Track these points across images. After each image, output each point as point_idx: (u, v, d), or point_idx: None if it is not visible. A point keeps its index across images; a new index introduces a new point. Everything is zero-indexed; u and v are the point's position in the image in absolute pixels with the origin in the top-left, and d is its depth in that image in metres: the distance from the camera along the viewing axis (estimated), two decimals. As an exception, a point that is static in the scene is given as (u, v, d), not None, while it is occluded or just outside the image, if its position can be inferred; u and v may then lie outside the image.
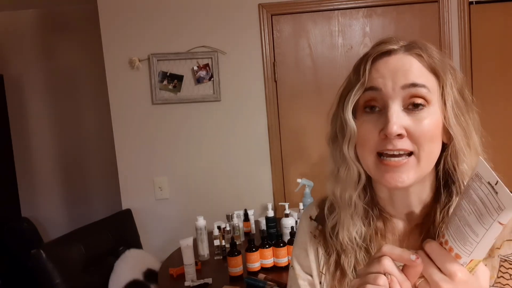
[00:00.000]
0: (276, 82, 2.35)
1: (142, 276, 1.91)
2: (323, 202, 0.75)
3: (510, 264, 0.61)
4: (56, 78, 3.07)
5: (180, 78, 2.32)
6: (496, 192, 0.44)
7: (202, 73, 2.31)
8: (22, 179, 3.06)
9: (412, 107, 0.60)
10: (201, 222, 1.87)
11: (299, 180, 2.16)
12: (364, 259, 0.66)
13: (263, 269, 1.62)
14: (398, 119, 0.58)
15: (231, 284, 1.56)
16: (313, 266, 0.73)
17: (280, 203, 2.16)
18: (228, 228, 1.94)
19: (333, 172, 0.69)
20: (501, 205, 0.44)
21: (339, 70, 2.33)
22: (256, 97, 2.35)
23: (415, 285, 0.52)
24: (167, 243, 2.28)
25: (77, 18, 3.01)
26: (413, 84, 0.59)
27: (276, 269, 1.63)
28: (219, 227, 1.91)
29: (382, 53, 0.62)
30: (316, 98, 2.35)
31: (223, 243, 1.88)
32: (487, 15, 2.30)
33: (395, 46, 0.62)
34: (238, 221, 2.02)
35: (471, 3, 2.28)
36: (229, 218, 2.05)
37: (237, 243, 1.74)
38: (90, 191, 3.15)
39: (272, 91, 2.34)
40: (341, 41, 2.34)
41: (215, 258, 1.86)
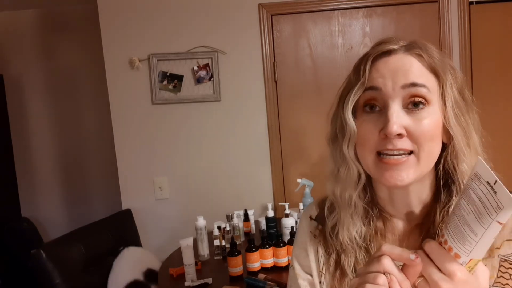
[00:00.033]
0: (276, 82, 2.35)
1: (142, 276, 1.91)
2: (323, 202, 0.75)
3: (510, 264, 0.61)
4: (56, 78, 3.07)
5: (180, 78, 2.32)
6: (495, 192, 0.45)
7: (202, 73, 2.31)
8: (22, 179, 3.06)
9: (412, 107, 0.60)
10: (201, 222, 1.88)
11: (299, 180, 2.16)
12: (364, 259, 0.66)
13: (263, 269, 1.62)
14: (398, 118, 0.58)
15: (231, 284, 1.56)
16: (313, 265, 0.73)
17: (280, 203, 2.16)
18: (228, 228, 1.94)
19: (333, 172, 0.69)
20: (500, 204, 0.44)
21: (339, 70, 2.33)
22: (256, 97, 2.35)
23: (415, 284, 0.52)
24: (167, 243, 2.28)
25: (77, 18, 3.02)
26: (413, 84, 0.59)
27: (276, 269, 1.63)
28: (219, 227, 1.91)
29: (382, 53, 0.62)
30: (316, 98, 2.35)
31: (223, 243, 1.88)
32: (487, 15, 2.30)
33: (395, 46, 0.62)
34: (238, 221, 2.02)
35: (471, 3, 2.28)
36: (229, 218, 2.05)
37: (237, 243, 1.74)
38: (90, 191, 3.15)
39: (272, 91, 2.34)
40: (341, 41, 2.34)
41: (215, 258, 1.85)
